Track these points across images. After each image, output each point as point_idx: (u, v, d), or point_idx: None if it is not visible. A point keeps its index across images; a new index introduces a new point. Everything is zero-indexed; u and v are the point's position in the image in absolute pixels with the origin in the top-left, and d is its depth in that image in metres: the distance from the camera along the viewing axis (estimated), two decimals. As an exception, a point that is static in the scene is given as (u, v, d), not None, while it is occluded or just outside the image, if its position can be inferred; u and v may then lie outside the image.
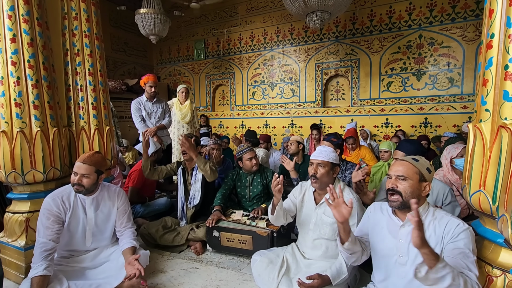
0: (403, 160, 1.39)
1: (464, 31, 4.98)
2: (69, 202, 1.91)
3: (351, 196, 1.82)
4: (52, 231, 1.80)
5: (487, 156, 1.24)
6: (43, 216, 1.82)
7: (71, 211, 1.91)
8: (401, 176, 1.33)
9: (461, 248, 1.18)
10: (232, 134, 7.27)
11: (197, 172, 2.68)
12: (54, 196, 1.90)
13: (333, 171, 1.85)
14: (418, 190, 1.31)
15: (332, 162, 1.83)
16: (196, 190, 2.64)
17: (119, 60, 7.18)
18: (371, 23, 5.64)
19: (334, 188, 1.45)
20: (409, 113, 5.51)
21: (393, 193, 1.35)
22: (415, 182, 1.31)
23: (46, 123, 2.13)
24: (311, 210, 1.91)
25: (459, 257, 1.17)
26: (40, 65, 2.10)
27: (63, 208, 1.88)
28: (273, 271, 1.83)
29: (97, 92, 2.51)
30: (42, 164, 2.10)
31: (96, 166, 1.89)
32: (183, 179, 2.75)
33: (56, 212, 1.84)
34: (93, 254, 2.00)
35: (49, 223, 1.80)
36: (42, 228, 1.80)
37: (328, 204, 1.43)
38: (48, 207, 1.84)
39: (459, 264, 1.16)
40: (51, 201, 1.86)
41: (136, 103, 3.61)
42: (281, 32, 6.47)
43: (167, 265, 2.26)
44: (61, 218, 1.87)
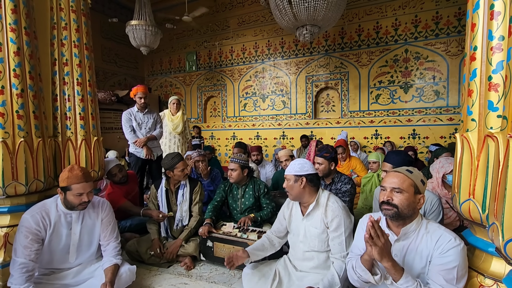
0: (397, 172, 1.34)
1: (447, 46, 5.19)
2: (49, 218, 1.81)
3: (336, 205, 1.79)
4: (31, 250, 1.69)
5: (475, 165, 1.25)
6: (21, 235, 1.71)
7: (52, 228, 1.80)
8: (396, 189, 1.28)
9: (446, 264, 1.19)
10: (224, 145, 7.25)
11: (184, 191, 2.60)
12: (33, 212, 1.79)
13: (298, 182, 1.77)
14: (413, 203, 1.27)
15: (294, 174, 1.78)
16: (184, 211, 2.56)
17: (109, 71, 7.14)
18: (359, 38, 5.81)
19: None
20: (397, 124, 5.63)
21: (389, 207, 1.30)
22: (411, 194, 1.27)
23: (31, 133, 2.07)
24: (299, 221, 1.88)
25: (442, 273, 1.19)
26: (26, 74, 2.05)
27: (43, 225, 1.77)
28: (265, 285, 1.78)
29: (85, 102, 2.47)
30: (25, 176, 2.02)
31: (92, 179, 1.89)
32: (166, 200, 2.63)
33: (35, 230, 1.74)
34: (76, 270, 1.90)
35: (27, 242, 1.69)
36: (20, 248, 1.68)
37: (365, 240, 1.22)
38: (26, 225, 1.73)
39: (438, 280, 1.19)
40: (30, 218, 1.75)
41: (127, 114, 3.56)
42: (272, 45, 6.60)
43: (155, 280, 2.17)
44: (40, 236, 1.76)
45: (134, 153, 3.55)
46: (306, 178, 1.78)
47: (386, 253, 1.17)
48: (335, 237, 1.73)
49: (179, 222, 2.55)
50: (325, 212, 1.77)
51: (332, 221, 1.73)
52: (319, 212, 1.80)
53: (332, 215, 1.74)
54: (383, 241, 1.16)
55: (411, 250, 1.32)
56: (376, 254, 1.17)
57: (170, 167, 2.53)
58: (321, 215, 1.78)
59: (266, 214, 2.65)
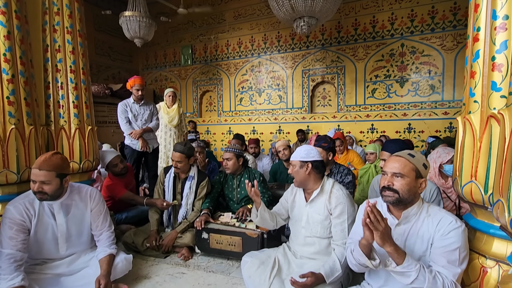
0: (398, 156, 1.32)
1: (443, 40, 5.21)
2: (33, 209, 1.74)
3: (340, 192, 1.78)
4: (17, 241, 1.64)
5: (477, 146, 1.25)
6: (5, 226, 1.65)
7: (36, 218, 1.74)
8: (397, 174, 1.26)
9: (448, 246, 1.18)
10: (220, 140, 7.20)
11: (191, 183, 2.55)
12: (16, 202, 1.73)
13: (304, 168, 1.78)
14: (414, 187, 1.26)
15: (300, 160, 1.78)
16: (189, 203, 2.52)
17: (103, 64, 7.02)
18: (356, 32, 5.81)
19: None
20: (393, 119, 5.65)
21: (390, 192, 1.28)
22: (412, 179, 1.25)
23: (22, 121, 2.01)
24: (302, 208, 1.88)
25: (443, 255, 1.18)
26: (17, 59, 1.99)
27: (27, 215, 1.71)
28: (264, 272, 1.76)
29: (79, 91, 2.41)
30: (16, 164, 1.96)
31: (56, 170, 1.67)
32: (172, 187, 2.59)
33: (19, 220, 1.68)
34: (70, 260, 1.85)
35: (12, 233, 1.64)
36: (6, 239, 1.63)
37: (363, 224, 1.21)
38: (10, 216, 1.67)
39: (440, 262, 1.19)
40: (12, 209, 1.69)
41: (122, 105, 3.50)
42: (268, 39, 6.55)
43: (152, 270, 2.14)
44: (25, 227, 1.70)
45: (129, 145, 3.49)
46: (312, 164, 1.78)
47: (387, 238, 1.16)
48: (338, 224, 1.72)
49: (181, 213, 2.51)
50: (329, 199, 1.77)
51: (336, 207, 1.73)
52: (323, 199, 1.79)
53: (336, 201, 1.73)
54: (384, 226, 1.15)
55: (412, 234, 1.31)
56: (378, 239, 1.15)
57: None
58: (325, 202, 1.77)
59: (264, 203, 2.63)
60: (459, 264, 1.17)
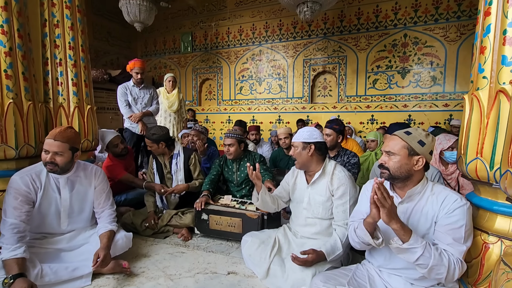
0: (394, 135, 1.35)
1: (446, 31, 5.16)
2: (40, 181, 1.73)
3: (343, 173, 1.78)
4: (21, 212, 1.63)
5: (485, 123, 1.23)
6: (10, 196, 1.64)
7: (42, 191, 1.73)
8: (388, 152, 1.31)
9: (453, 223, 1.18)
10: (219, 129, 7.17)
11: (178, 160, 2.54)
12: (23, 174, 1.71)
13: (306, 150, 1.76)
14: (407, 165, 1.26)
15: (302, 141, 1.77)
16: (179, 180, 2.51)
17: (101, 49, 6.90)
18: (359, 21, 5.74)
19: None
20: (393, 110, 5.63)
21: (383, 169, 1.34)
22: (403, 157, 1.26)
23: (20, 96, 1.96)
24: (304, 189, 1.87)
25: (449, 232, 1.18)
26: (15, 32, 1.93)
27: (33, 187, 1.70)
28: (264, 251, 1.77)
29: (78, 68, 2.36)
30: (15, 139, 1.93)
31: (70, 143, 1.70)
32: (157, 170, 2.58)
33: (25, 191, 1.67)
34: (70, 236, 1.84)
35: (17, 203, 1.63)
36: (10, 208, 1.62)
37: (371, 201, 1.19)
38: (16, 186, 1.66)
39: (445, 240, 1.18)
40: (19, 179, 1.68)
41: (122, 88, 3.45)
42: (270, 27, 6.46)
43: (151, 249, 2.14)
44: (30, 198, 1.69)
45: (129, 128, 3.46)
46: (315, 146, 1.76)
47: (394, 215, 1.15)
48: (340, 205, 1.72)
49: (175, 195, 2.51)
50: (331, 180, 1.76)
51: (338, 188, 1.73)
52: (324, 181, 1.78)
53: (338, 183, 1.73)
54: (390, 203, 1.13)
55: (416, 212, 1.30)
56: (384, 216, 1.14)
57: None
58: (327, 183, 1.77)
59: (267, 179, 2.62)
60: (464, 242, 1.17)
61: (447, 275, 1.14)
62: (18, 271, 1.43)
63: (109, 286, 1.68)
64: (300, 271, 1.57)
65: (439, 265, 1.13)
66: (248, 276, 1.78)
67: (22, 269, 1.45)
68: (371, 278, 1.41)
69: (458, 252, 1.17)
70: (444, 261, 1.13)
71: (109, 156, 2.88)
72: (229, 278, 1.76)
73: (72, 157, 1.76)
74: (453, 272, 1.15)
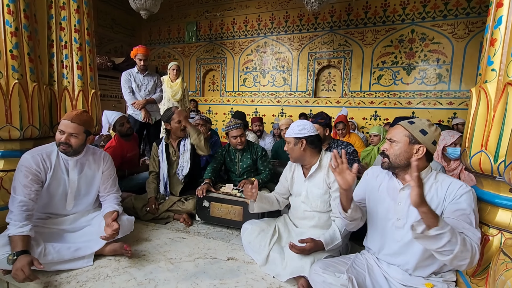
0: (397, 124, 1.37)
1: (454, 28, 5.09)
2: (50, 162, 1.76)
3: None
4: (31, 190, 1.65)
5: (491, 116, 1.23)
6: (21, 174, 1.66)
7: (52, 171, 1.76)
8: (390, 139, 1.34)
9: (463, 209, 1.17)
10: (221, 120, 7.16)
11: (185, 142, 2.56)
12: (34, 153, 1.74)
13: (298, 145, 1.76)
14: (406, 152, 1.29)
15: (294, 137, 1.77)
16: (185, 160, 2.53)
17: (105, 36, 6.86)
18: (366, 15, 5.66)
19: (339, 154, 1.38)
20: (397, 106, 5.60)
21: (383, 156, 1.37)
22: (403, 144, 1.29)
23: (25, 76, 1.97)
24: (301, 183, 1.87)
25: (461, 218, 1.16)
26: (21, 12, 1.93)
27: (43, 166, 1.73)
28: (264, 239, 1.78)
29: (83, 51, 2.36)
30: (19, 120, 1.94)
31: (85, 126, 1.76)
32: (166, 155, 2.59)
33: (35, 170, 1.69)
34: (73, 217, 1.87)
35: (27, 182, 1.65)
36: (20, 186, 1.64)
37: (332, 169, 1.36)
38: (26, 164, 1.68)
39: (460, 225, 1.14)
40: (30, 158, 1.70)
41: (126, 74, 3.44)
42: (275, 19, 6.39)
43: (152, 234, 2.16)
44: (40, 178, 1.71)
45: (132, 115, 3.46)
46: (306, 140, 1.76)
47: (424, 198, 1.05)
48: (337, 197, 1.71)
49: (179, 171, 2.52)
50: (327, 173, 1.76)
51: (335, 181, 1.72)
52: (321, 173, 1.78)
53: None
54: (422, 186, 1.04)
55: None
56: (417, 198, 1.02)
57: (167, 119, 2.50)
58: (324, 176, 1.77)
59: (265, 176, 2.64)
60: (476, 227, 1.15)
61: (470, 261, 1.06)
62: (22, 248, 1.45)
63: (110, 267, 1.70)
64: (299, 259, 1.58)
65: (464, 251, 1.04)
66: (248, 263, 1.80)
67: (26, 246, 1.48)
68: (370, 268, 1.42)
69: (476, 238, 1.11)
70: (468, 246, 1.05)
71: (115, 137, 2.95)
72: (228, 264, 1.78)
73: (85, 140, 1.80)
74: (473, 259, 1.06)
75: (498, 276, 0.98)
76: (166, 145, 2.59)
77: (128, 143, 2.93)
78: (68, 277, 1.58)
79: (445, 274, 1.30)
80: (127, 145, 2.90)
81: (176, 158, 2.58)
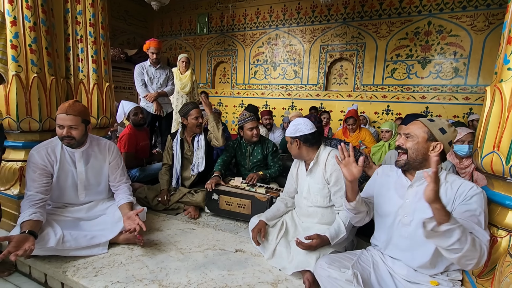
0: (417, 120, 1.37)
1: (474, 20, 4.90)
2: (55, 155, 1.82)
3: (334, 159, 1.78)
4: (40, 184, 1.73)
5: (505, 116, 1.21)
6: (29, 169, 1.75)
7: (58, 164, 1.82)
8: (407, 134, 1.34)
9: (473, 210, 1.16)
10: (231, 112, 7.19)
11: (199, 138, 2.61)
12: (39, 148, 1.80)
13: (296, 143, 1.80)
14: (424, 148, 1.29)
15: (290, 136, 1.82)
16: (200, 157, 2.57)
17: (118, 28, 6.93)
18: (381, 7, 5.51)
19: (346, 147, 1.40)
20: (410, 101, 5.48)
21: (400, 151, 1.36)
22: (421, 140, 1.30)
23: (44, 70, 2.04)
24: (304, 178, 1.89)
25: (470, 219, 1.16)
26: (39, 7, 1.98)
27: (48, 160, 1.79)
28: (272, 233, 1.82)
29: (98, 45, 2.41)
30: (38, 112, 2.02)
31: (81, 115, 1.77)
32: (180, 149, 2.65)
33: (41, 165, 1.76)
34: (88, 207, 1.95)
35: (35, 176, 1.73)
36: (29, 181, 1.73)
37: (338, 162, 1.39)
38: (33, 160, 1.76)
39: (470, 226, 1.14)
40: (35, 154, 1.77)
41: (139, 67, 3.51)
42: (288, 10, 6.30)
43: (163, 225, 2.24)
44: (48, 171, 1.79)
45: (144, 107, 3.53)
46: (300, 139, 1.79)
47: (438, 195, 1.04)
48: (337, 191, 1.73)
49: (194, 167, 2.58)
50: (325, 168, 1.77)
51: (331, 175, 1.74)
52: (319, 168, 1.80)
53: (331, 169, 1.74)
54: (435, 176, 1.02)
55: None
56: (432, 194, 1.02)
57: (185, 114, 2.54)
58: (322, 171, 1.78)
59: (274, 172, 2.67)
60: (485, 229, 1.15)
61: (477, 261, 1.07)
62: (24, 229, 1.52)
63: (124, 255, 1.78)
64: (305, 254, 1.61)
65: (473, 251, 1.04)
66: (255, 255, 1.85)
67: (27, 228, 1.52)
68: (375, 264, 1.44)
69: (485, 239, 1.10)
70: (477, 246, 1.05)
71: (129, 126, 3.08)
72: (236, 256, 1.83)
73: (86, 130, 1.83)
74: (481, 259, 1.07)
75: (503, 278, 0.99)
76: (181, 140, 2.63)
77: (140, 133, 3.05)
78: (85, 263, 1.67)
79: (451, 273, 1.30)
80: (139, 134, 3.02)
81: (191, 153, 2.62)
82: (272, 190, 2.38)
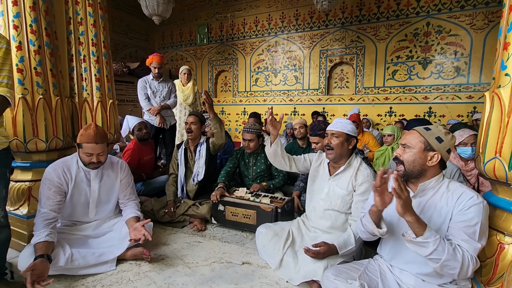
0: (413, 130, 1.36)
1: (473, 19, 4.89)
2: (70, 173, 1.87)
3: (368, 171, 1.78)
4: (54, 201, 1.77)
5: (505, 122, 1.20)
6: (45, 186, 1.79)
7: (73, 183, 1.87)
8: (404, 145, 1.32)
9: (468, 220, 1.17)
10: (234, 120, 7.23)
11: (201, 148, 2.64)
12: (56, 166, 1.86)
13: (349, 142, 1.79)
14: (421, 159, 1.27)
15: (347, 133, 1.77)
16: (200, 166, 2.61)
17: (120, 42, 7.07)
18: (378, 10, 5.53)
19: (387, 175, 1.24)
20: (413, 102, 5.46)
21: (398, 162, 1.35)
22: (418, 151, 1.28)
23: (49, 91, 2.09)
24: (325, 180, 1.88)
25: (464, 229, 1.17)
26: (43, 30, 2.04)
27: (64, 179, 1.84)
28: (278, 243, 1.82)
29: (100, 64, 2.46)
30: (45, 132, 2.07)
31: (106, 140, 1.87)
32: (184, 159, 2.70)
33: (57, 182, 1.81)
34: (96, 224, 1.98)
35: (50, 194, 1.77)
36: (44, 198, 1.77)
37: (373, 188, 1.27)
38: (49, 177, 1.80)
39: (459, 236, 1.17)
40: (52, 171, 1.82)
41: (142, 81, 3.57)
42: (286, 17, 6.36)
43: (170, 238, 2.25)
44: (62, 189, 1.83)
45: (148, 120, 3.58)
46: (356, 141, 1.79)
47: (409, 207, 1.14)
48: (360, 201, 1.73)
49: (195, 177, 2.61)
50: (355, 176, 1.77)
51: (361, 185, 1.73)
52: (348, 174, 1.79)
53: (363, 179, 1.74)
54: (406, 194, 1.14)
55: (429, 207, 1.30)
56: (399, 208, 1.14)
57: None
58: (351, 178, 1.78)
59: (278, 182, 2.68)
60: (479, 240, 1.16)
61: (460, 271, 1.13)
62: (39, 253, 1.55)
63: (131, 271, 1.79)
64: (312, 263, 1.61)
65: (452, 260, 1.11)
66: (262, 267, 1.85)
67: (44, 250, 1.57)
68: (383, 274, 1.43)
69: (472, 249, 1.15)
70: (458, 256, 1.12)
71: (134, 141, 3.13)
72: (243, 268, 1.83)
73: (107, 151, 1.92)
74: (466, 269, 1.13)
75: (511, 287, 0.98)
76: (185, 149, 2.69)
77: (145, 147, 3.09)
78: (93, 281, 1.69)
79: (459, 282, 1.29)
80: (144, 149, 3.05)
81: (193, 162, 2.67)
82: (276, 199, 2.39)
